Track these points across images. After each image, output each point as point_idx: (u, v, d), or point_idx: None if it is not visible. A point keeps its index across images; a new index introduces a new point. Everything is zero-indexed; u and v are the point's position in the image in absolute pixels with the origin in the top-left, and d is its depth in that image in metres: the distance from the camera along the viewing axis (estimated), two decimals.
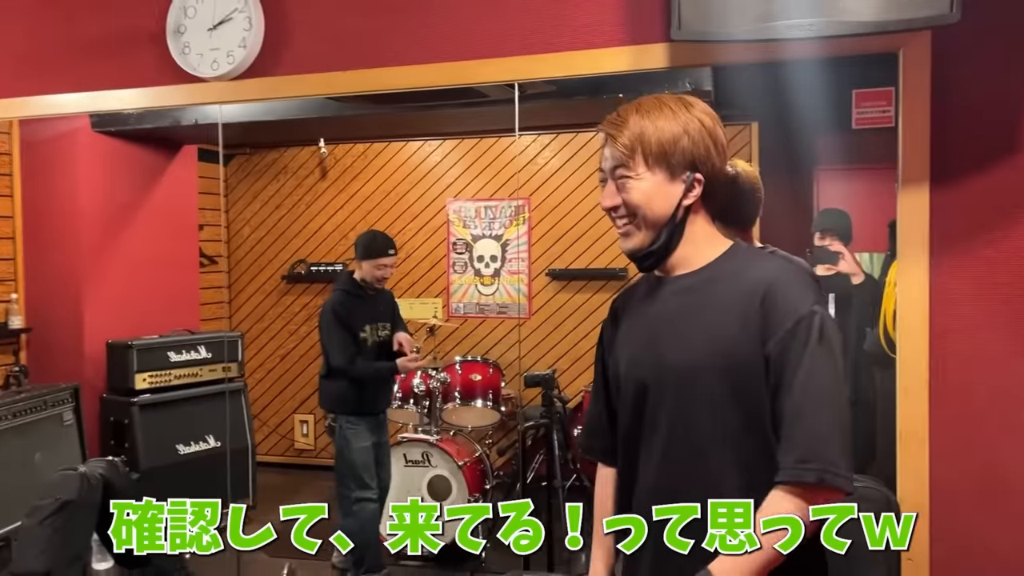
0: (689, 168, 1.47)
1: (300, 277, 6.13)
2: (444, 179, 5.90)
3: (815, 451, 1.31)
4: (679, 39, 1.73)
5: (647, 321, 1.54)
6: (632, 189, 1.48)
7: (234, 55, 2.42)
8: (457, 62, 2.28)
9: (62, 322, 4.59)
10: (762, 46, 1.72)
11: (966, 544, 2.02)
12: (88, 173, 4.62)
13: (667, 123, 1.47)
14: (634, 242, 1.51)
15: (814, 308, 1.38)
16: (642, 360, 1.52)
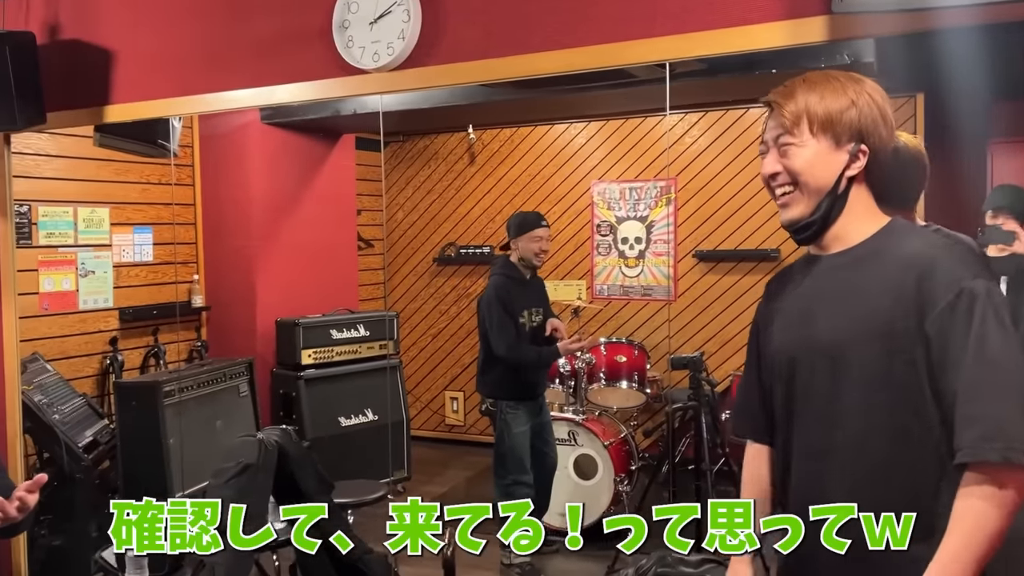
0: (855, 138, 1.45)
1: (450, 259, 6.34)
2: (588, 161, 5.92)
3: (998, 428, 1.26)
4: (840, 11, 1.67)
5: (801, 298, 1.52)
6: (795, 155, 1.47)
7: (393, 47, 2.53)
8: (607, 44, 2.29)
9: (237, 301, 4.99)
10: (930, 14, 1.63)
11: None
12: (258, 163, 4.98)
13: (835, 94, 1.46)
14: (794, 212, 1.49)
15: (976, 281, 1.32)
16: (794, 336, 1.51)
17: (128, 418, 3.68)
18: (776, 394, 1.55)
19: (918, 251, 1.39)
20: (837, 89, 1.46)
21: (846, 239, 1.48)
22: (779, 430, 1.56)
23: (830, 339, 1.43)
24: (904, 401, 1.36)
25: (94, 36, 3.21)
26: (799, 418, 1.49)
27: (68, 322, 4.31)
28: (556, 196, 6.03)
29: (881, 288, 1.39)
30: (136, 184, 4.66)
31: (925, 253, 1.38)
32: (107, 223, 4.51)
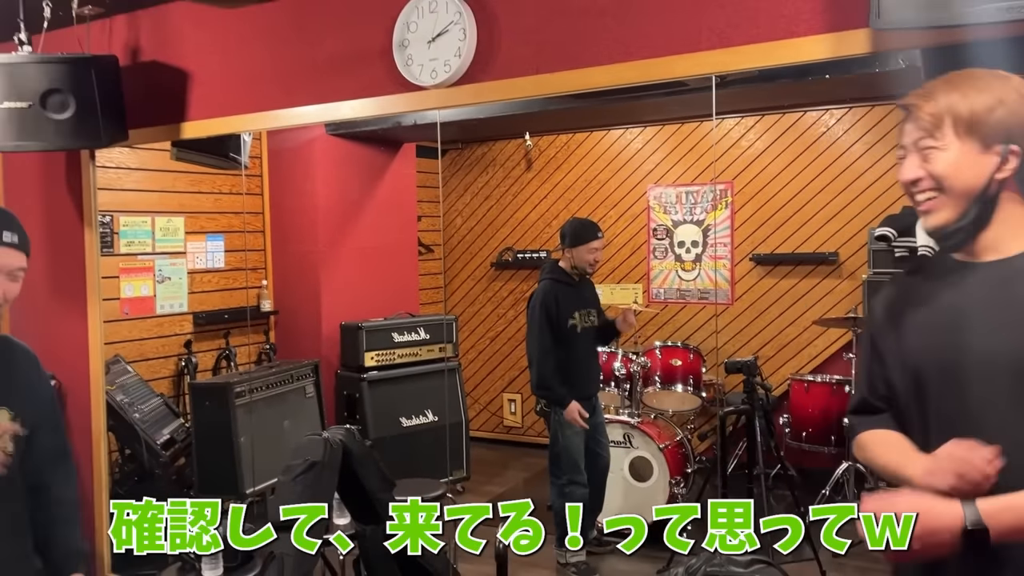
0: (1004, 139, 1.36)
1: (507, 264, 6.46)
2: (644, 166, 5.97)
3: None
4: (880, 28, 1.71)
5: (948, 305, 1.43)
6: (937, 159, 1.39)
7: (450, 64, 2.65)
8: (656, 59, 2.36)
9: (303, 306, 5.18)
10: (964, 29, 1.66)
11: None
12: (323, 173, 5.17)
13: (979, 93, 1.37)
14: (939, 218, 1.41)
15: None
16: (941, 343, 1.41)
17: (202, 417, 3.88)
18: (910, 396, 1.48)
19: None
20: (982, 87, 1.38)
21: (1001, 247, 1.41)
22: (912, 434, 1.49)
23: (991, 349, 1.36)
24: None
25: (172, 57, 3.41)
26: (943, 424, 1.41)
27: (146, 326, 4.56)
28: (612, 201, 6.09)
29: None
30: (209, 194, 4.89)
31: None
32: (182, 232, 4.74)
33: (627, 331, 4.27)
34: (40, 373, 2.00)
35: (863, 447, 1.56)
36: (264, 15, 3.19)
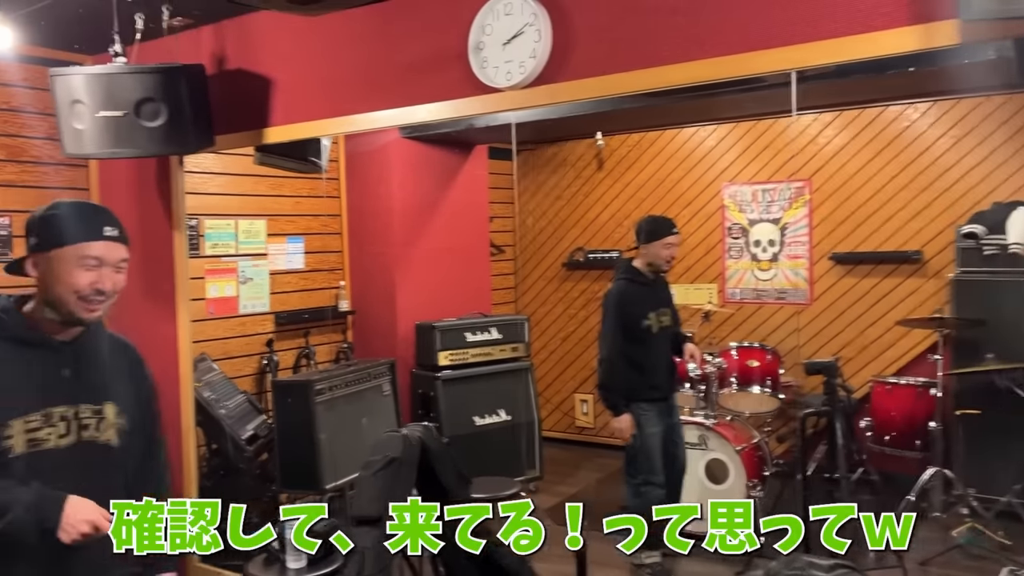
0: None
1: (579, 264, 6.46)
2: (719, 164, 5.88)
3: None
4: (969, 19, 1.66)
5: None
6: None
7: (525, 65, 2.67)
8: (733, 55, 2.34)
9: (379, 305, 5.29)
10: None
11: None
12: (398, 175, 5.26)
13: None
14: None
15: None
16: None
17: (284, 414, 3.99)
18: None
19: None
20: None
21: None
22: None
23: None
24: None
25: (255, 65, 3.54)
26: None
27: (230, 325, 4.72)
28: (685, 199, 6.03)
29: None
30: (289, 198, 5.04)
31: None
32: (264, 234, 4.90)
33: (688, 363, 4.22)
34: (143, 372, 2.06)
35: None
36: (344, 22, 3.28)
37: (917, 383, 4.71)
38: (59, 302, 1.79)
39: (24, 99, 3.96)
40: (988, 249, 4.59)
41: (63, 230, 1.78)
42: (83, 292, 1.78)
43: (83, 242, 1.78)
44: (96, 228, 1.80)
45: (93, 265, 1.78)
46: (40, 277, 1.81)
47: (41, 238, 1.80)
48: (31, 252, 1.82)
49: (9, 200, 3.93)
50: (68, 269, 1.77)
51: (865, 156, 5.33)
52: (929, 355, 4.77)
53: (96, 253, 1.79)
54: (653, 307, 4.10)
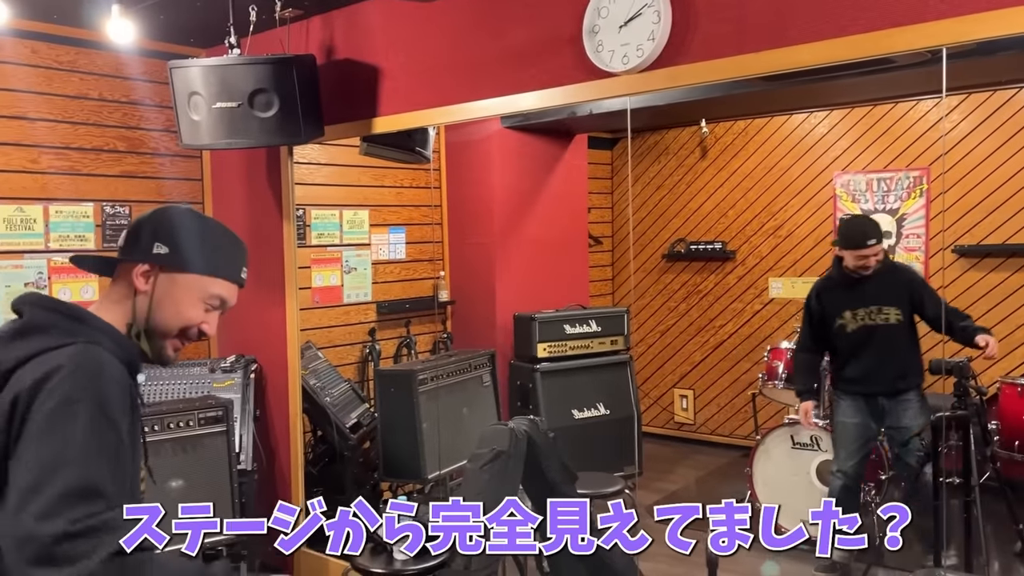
0: None
1: (680, 255, 6.29)
2: (831, 151, 5.62)
3: None
4: None
5: None
6: None
7: (643, 48, 2.57)
8: (871, 32, 2.18)
9: (478, 296, 5.27)
10: None
11: None
12: (497, 165, 5.22)
13: None
14: None
15: None
16: None
17: (387, 403, 4.01)
18: None
19: None
20: None
21: None
22: None
23: None
24: None
25: (364, 55, 3.54)
26: None
27: (335, 314, 4.78)
28: (794, 189, 5.78)
29: None
30: (391, 188, 5.06)
31: None
32: (367, 224, 4.94)
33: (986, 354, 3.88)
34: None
35: None
36: (452, 9, 3.24)
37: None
38: (161, 332, 1.49)
39: (143, 92, 4.09)
40: None
41: (208, 256, 1.51)
42: (191, 331, 1.51)
43: (222, 279, 1.52)
44: (238, 267, 1.56)
45: (214, 306, 1.53)
46: (150, 295, 1.48)
47: (176, 253, 1.48)
48: (153, 262, 1.47)
49: (129, 191, 4.07)
50: (191, 299, 1.50)
51: (994, 143, 4.99)
52: None
53: (226, 295, 1.54)
54: (850, 306, 3.90)
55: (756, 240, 5.96)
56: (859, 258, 3.83)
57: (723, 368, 6.14)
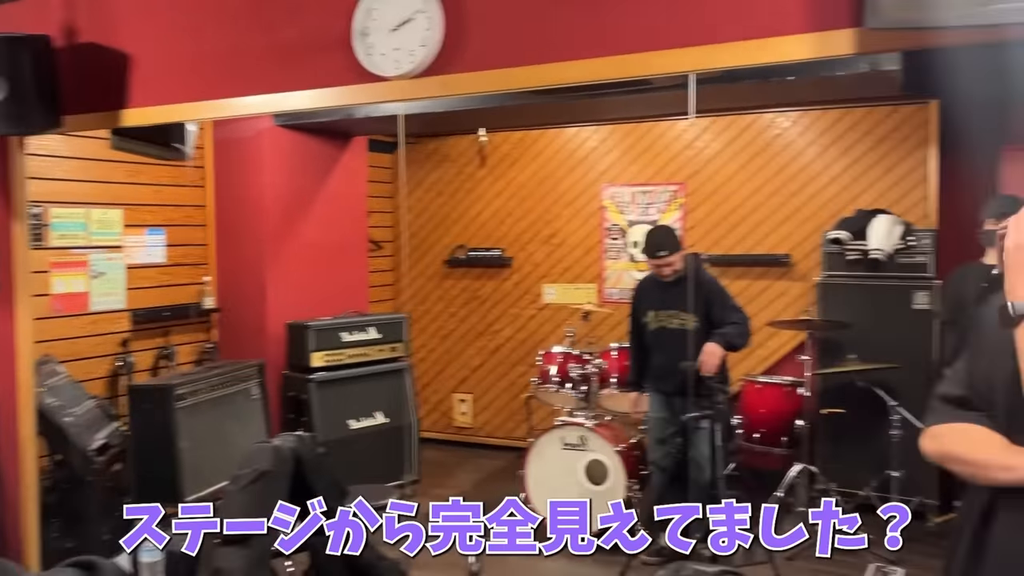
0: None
1: (460, 262, 6.34)
2: (600, 164, 5.91)
3: None
4: (876, 26, 1.66)
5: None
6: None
7: (415, 54, 2.52)
8: (632, 54, 2.28)
9: (248, 303, 4.98)
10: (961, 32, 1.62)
11: None
12: (270, 165, 4.97)
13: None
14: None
15: None
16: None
17: (141, 421, 3.68)
18: (1005, 400, 1.43)
19: None
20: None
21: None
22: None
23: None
24: None
25: (111, 39, 3.20)
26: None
27: (80, 324, 4.31)
28: (567, 199, 6.02)
29: None
30: (149, 186, 4.65)
31: None
32: (120, 224, 4.50)
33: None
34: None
35: (949, 436, 1.49)
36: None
37: (785, 382, 4.88)
38: None
39: None
40: (851, 254, 4.80)
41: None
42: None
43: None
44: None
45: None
46: None
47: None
48: None
49: None
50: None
51: (739, 162, 5.49)
52: (796, 355, 4.96)
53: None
54: (656, 307, 4.28)
55: (532, 247, 6.14)
56: (653, 266, 4.19)
57: (501, 372, 6.26)
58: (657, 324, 4.27)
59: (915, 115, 4.98)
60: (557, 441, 4.50)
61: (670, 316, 4.24)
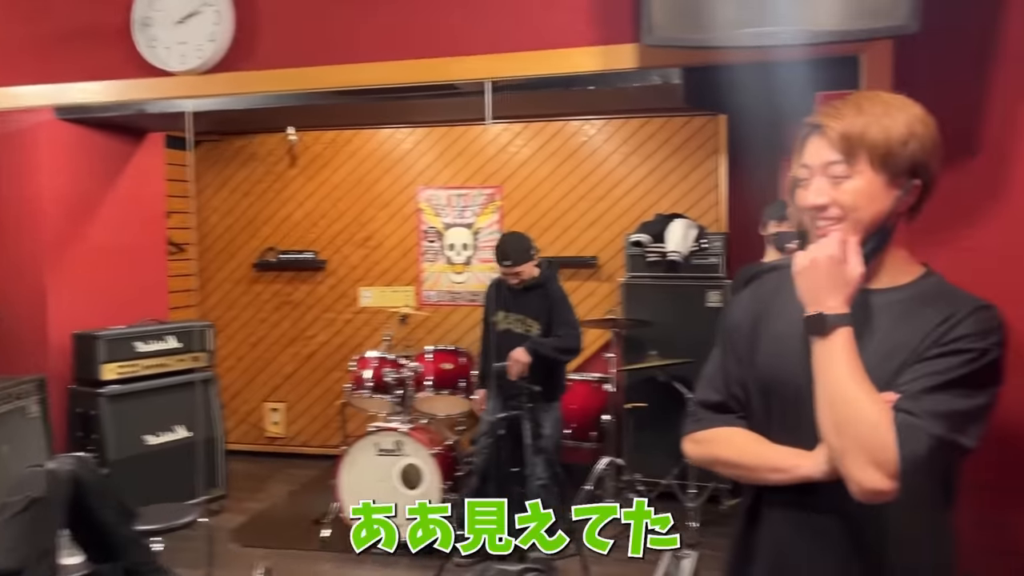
0: (910, 174, 1.35)
1: (271, 265, 6.10)
2: (415, 167, 5.89)
3: None
4: (650, 43, 1.75)
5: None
6: (848, 188, 1.35)
7: (203, 49, 2.40)
8: (430, 59, 2.29)
9: (25, 313, 4.51)
10: (730, 51, 1.74)
11: None
12: (50, 161, 4.53)
13: (893, 123, 1.34)
14: None
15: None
16: (791, 365, 1.41)
17: None
18: (761, 403, 1.47)
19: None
20: (894, 116, 1.34)
21: (893, 275, 1.41)
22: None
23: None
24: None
25: None
26: (788, 438, 1.43)
27: None
28: (382, 201, 5.95)
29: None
30: None
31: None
32: None
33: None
34: None
35: (716, 441, 1.51)
36: None
37: (593, 379, 5.08)
38: None
39: None
40: (652, 256, 5.07)
41: None
42: None
43: None
44: None
45: None
46: None
47: None
48: None
49: None
50: None
51: (550, 166, 5.65)
52: (603, 353, 5.17)
53: None
54: (504, 308, 4.37)
55: (347, 250, 6.02)
56: (502, 273, 4.29)
57: (315, 378, 6.09)
58: (504, 326, 4.36)
59: (707, 126, 5.34)
60: (371, 447, 4.43)
61: (517, 320, 4.34)
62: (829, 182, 1.36)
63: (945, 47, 1.90)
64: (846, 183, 1.35)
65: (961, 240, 1.96)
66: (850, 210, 1.35)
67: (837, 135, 1.34)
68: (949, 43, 1.90)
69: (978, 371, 1.29)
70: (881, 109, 1.35)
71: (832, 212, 1.36)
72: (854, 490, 1.28)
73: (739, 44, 1.64)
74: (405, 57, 2.31)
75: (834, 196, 1.35)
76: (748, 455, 1.46)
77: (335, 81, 2.38)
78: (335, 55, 2.38)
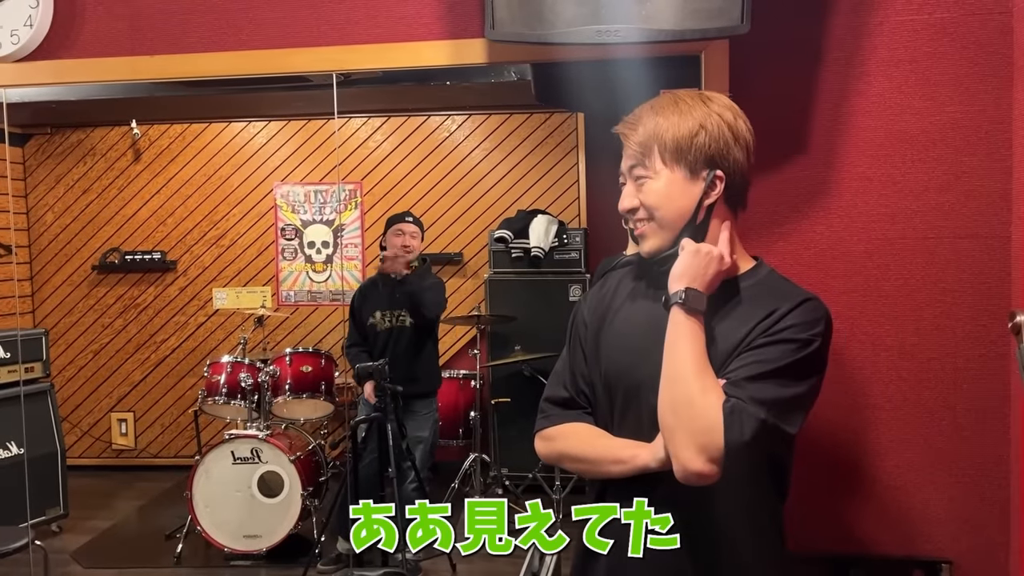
0: (708, 165, 1.39)
1: (113, 267, 5.72)
2: (270, 162, 5.67)
3: None
4: (493, 39, 1.73)
5: (644, 319, 1.45)
6: (649, 189, 1.41)
7: (19, 34, 2.20)
8: (272, 50, 2.18)
9: None
10: (575, 48, 1.75)
11: None
12: None
13: (682, 119, 1.39)
14: (652, 244, 1.44)
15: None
16: (630, 363, 1.44)
17: None
18: (605, 398, 1.50)
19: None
20: (684, 112, 1.40)
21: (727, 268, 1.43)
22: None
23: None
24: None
25: None
26: (629, 433, 1.45)
27: None
28: (236, 198, 5.70)
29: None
30: None
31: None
32: None
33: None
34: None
35: (563, 437, 1.52)
36: None
37: (460, 376, 5.06)
38: None
39: None
40: (515, 252, 5.11)
41: None
42: None
43: None
44: None
45: None
46: None
47: None
48: None
49: None
50: None
51: (412, 162, 5.58)
52: (469, 349, 5.17)
53: None
54: (380, 307, 4.22)
55: (198, 250, 5.73)
56: (397, 233, 4.21)
57: (167, 385, 5.77)
58: (385, 325, 4.24)
59: (565, 123, 5.42)
60: (227, 456, 4.24)
61: (396, 315, 4.25)
62: (635, 186, 1.43)
63: (775, 49, 1.99)
64: (647, 184, 1.41)
65: (795, 234, 2.06)
66: (654, 209, 1.41)
67: (633, 141, 1.42)
68: (779, 45, 1.99)
69: (802, 360, 1.34)
70: (673, 108, 1.41)
71: (640, 214, 1.43)
72: (678, 471, 1.31)
73: (580, 41, 1.66)
74: (246, 47, 2.20)
75: (640, 198, 1.42)
76: (591, 448, 1.48)
77: (169, 71, 2.23)
78: (165, 44, 2.23)
